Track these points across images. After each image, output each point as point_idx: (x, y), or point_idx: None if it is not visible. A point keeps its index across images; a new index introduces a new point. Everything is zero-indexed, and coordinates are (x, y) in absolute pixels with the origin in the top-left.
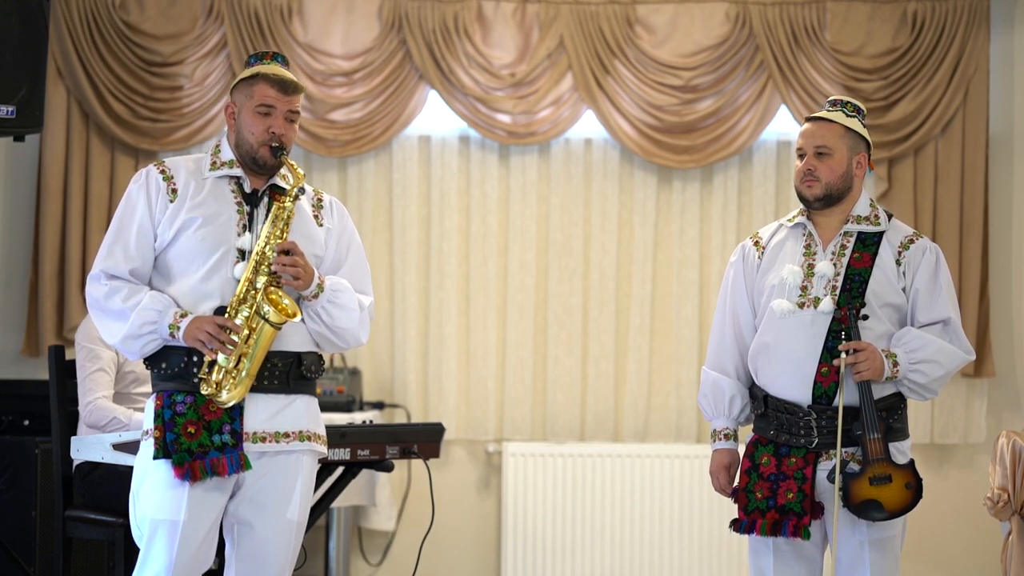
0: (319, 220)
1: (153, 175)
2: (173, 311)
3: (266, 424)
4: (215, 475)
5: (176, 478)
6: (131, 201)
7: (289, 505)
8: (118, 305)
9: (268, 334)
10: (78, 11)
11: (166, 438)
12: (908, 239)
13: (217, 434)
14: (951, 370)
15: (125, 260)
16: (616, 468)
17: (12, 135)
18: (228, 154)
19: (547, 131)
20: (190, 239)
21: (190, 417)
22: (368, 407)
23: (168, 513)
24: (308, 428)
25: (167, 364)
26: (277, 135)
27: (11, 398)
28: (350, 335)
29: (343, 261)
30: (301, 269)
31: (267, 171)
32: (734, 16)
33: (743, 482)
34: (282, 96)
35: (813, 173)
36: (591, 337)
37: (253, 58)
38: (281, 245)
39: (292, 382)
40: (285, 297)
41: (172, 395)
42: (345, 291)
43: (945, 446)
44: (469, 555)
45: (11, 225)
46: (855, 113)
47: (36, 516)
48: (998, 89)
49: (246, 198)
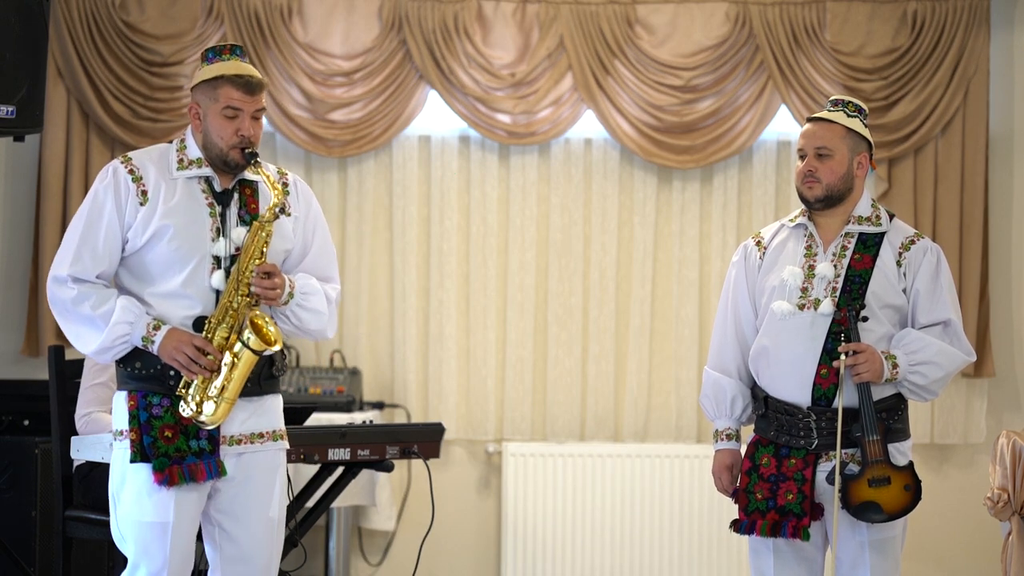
0: (287, 210)
1: (121, 174)
2: (145, 322)
3: (241, 427)
4: (193, 481)
5: (155, 483)
6: (98, 202)
7: (271, 505)
8: (87, 312)
9: (249, 361)
10: (78, 11)
11: (143, 441)
12: (909, 240)
13: (194, 439)
14: (951, 372)
15: (93, 264)
16: (616, 468)
17: (12, 135)
18: (195, 152)
19: (547, 131)
20: (164, 249)
21: (167, 421)
22: (368, 407)
23: (157, 515)
24: (280, 427)
25: (142, 364)
26: (246, 137)
27: (11, 398)
28: (318, 334)
29: (310, 247)
30: (279, 291)
31: (237, 171)
32: (734, 16)
33: (743, 483)
34: (248, 97)
35: (814, 174)
36: (591, 337)
37: (211, 53)
38: (263, 267)
39: (263, 382)
40: (271, 324)
41: (147, 396)
42: (314, 294)
43: (945, 446)
44: (469, 555)
45: (11, 225)
46: (856, 113)
47: (36, 516)
48: (998, 89)
49: (217, 198)
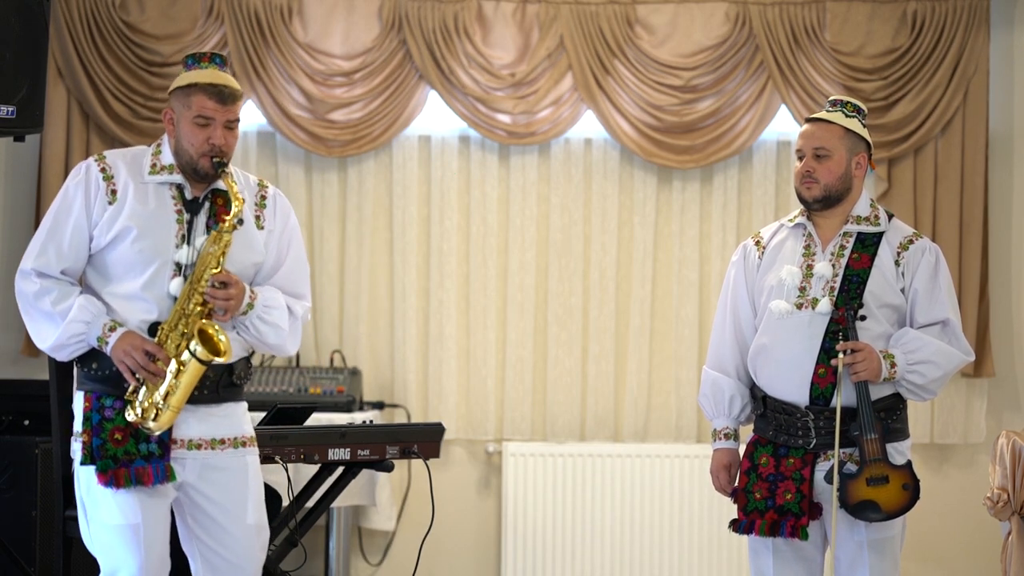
0: (260, 222)
1: (93, 172)
2: (102, 322)
3: (201, 431)
4: (139, 484)
5: (100, 484)
6: (68, 198)
7: (247, 511)
8: (47, 307)
9: (195, 370)
10: (78, 11)
11: (93, 443)
12: (908, 239)
13: (144, 443)
14: (949, 371)
15: (57, 259)
16: (616, 468)
17: (12, 135)
18: (168, 158)
19: (547, 131)
20: (127, 250)
21: (118, 423)
22: (368, 407)
23: (125, 517)
24: (243, 434)
25: (98, 365)
26: (217, 146)
27: (11, 398)
28: (277, 349)
29: (282, 261)
30: (233, 302)
31: (208, 180)
32: (734, 16)
33: (742, 482)
34: (220, 107)
35: (812, 175)
36: (591, 337)
37: (190, 59)
38: (218, 276)
39: (222, 390)
40: (222, 333)
41: (101, 398)
42: (275, 308)
43: (945, 446)
44: (469, 555)
45: (11, 225)
46: (855, 113)
47: (36, 516)
48: (998, 89)
49: (186, 205)
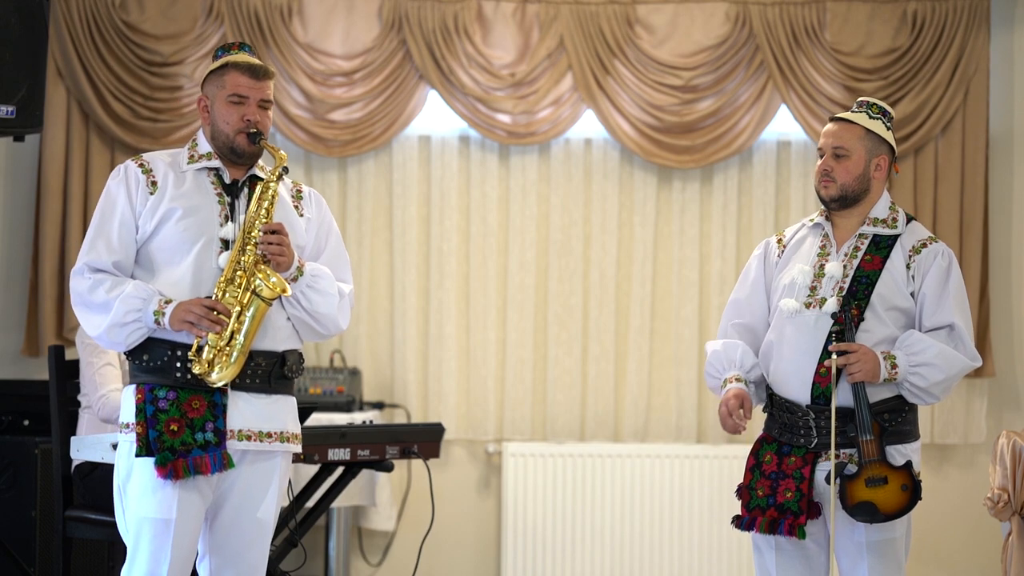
0: (299, 210)
1: (132, 169)
2: (157, 299)
3: (250, 423)
4: (198, 474)
5: (159, 478)
6: (111, 195)
7: (261, 505)
8: (102, 297)
9: (260, 309)
10: (78, 11)
11: (148, 435)
12: (921, 243)
13: (200, 432)
14: (952, 375)
15: (108, 253)
16: (616, 468)
17: (12, 135)
18: (205, 147)
19: (547, 131)
20: (172, 230)
21: (173, 414)
22: (368, 407)
23: (159, 512)
24: (288, 428)
25: (149, 356)
26: (252, 122)
27: (11, 398)
28: (329, 320)
29: (323, 250)
30: (287, 250)
31: (246, 160)
32: (734, 16)
33: (747, 479)
34: (254, 83)
35: (829, 173)
36: (591, 337)
37: (220, 51)
38: (268, 225)
39: (274, 382)
40: (273, 275)
41: (154, 389)
42: (324, 276)
43: (945, 446)
44: (469, 555)
45: (11, 225)
46: (880, 115)
47: (36, 516)
48: (998, 89)
49: (226, 189)
